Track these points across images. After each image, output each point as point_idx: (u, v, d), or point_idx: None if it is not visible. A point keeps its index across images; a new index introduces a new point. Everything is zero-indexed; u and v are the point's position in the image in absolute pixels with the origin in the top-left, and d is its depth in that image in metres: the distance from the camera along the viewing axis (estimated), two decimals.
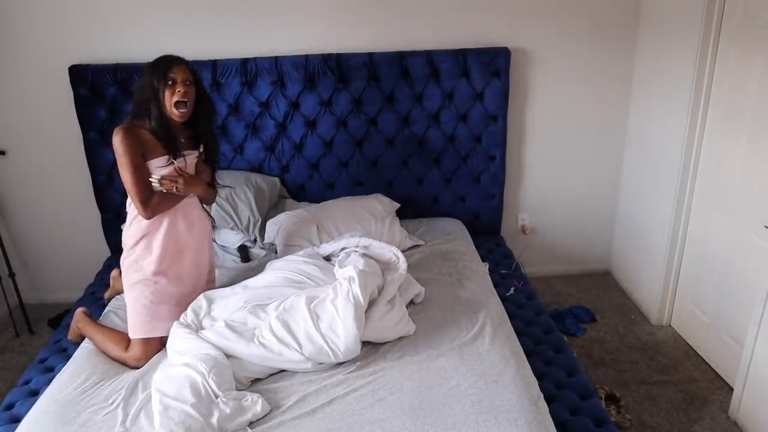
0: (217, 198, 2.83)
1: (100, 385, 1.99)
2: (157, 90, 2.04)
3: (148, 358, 2.13)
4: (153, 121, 2.06)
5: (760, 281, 2.26)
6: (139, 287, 2.18)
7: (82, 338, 2.33)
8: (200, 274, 2.33)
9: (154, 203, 2.09)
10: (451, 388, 1.89)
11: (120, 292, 2.62)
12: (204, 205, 2.35)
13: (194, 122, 2.18)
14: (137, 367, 2.10)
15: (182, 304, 2.23)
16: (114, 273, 2.66)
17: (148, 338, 2.16)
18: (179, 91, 2.04)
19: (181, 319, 2.16)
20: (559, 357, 2.23)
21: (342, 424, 1.77)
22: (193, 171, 2.22)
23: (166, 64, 2.06)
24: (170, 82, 2.04)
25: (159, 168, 2.09)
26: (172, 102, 2.05)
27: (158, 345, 2.17)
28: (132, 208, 2.16)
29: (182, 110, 2.07)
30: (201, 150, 2.25)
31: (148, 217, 2.11)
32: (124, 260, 2.22)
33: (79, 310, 2.43)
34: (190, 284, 2.28)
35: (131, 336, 2.17)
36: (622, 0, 3.07)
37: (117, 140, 2.03)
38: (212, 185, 2.33)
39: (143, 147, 2.06)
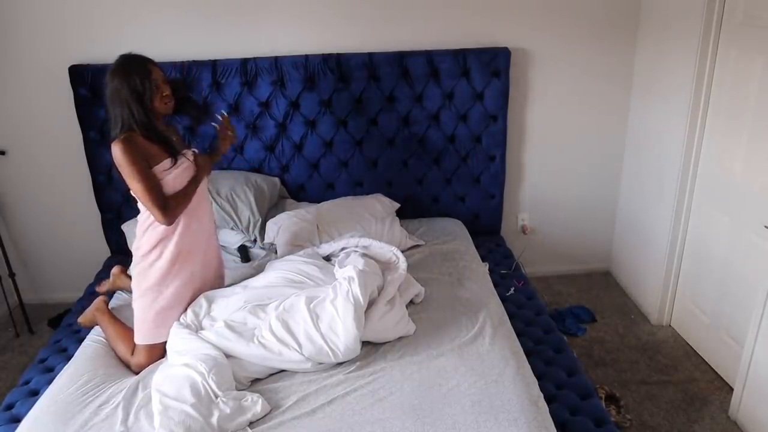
0: (217, 198, 2.85)
1: (101, 386, 1.99)
2: (142, 93, 2.00)
3: (150, 364, 2.12)
4: (140, 124, 2.02)
5: (760, 281, 2.26)
6: (150, 294, 2.15)
7: (93, 325, 2.34)
8: (208, 273, 2.31)
9: (172, 207, 2.05)
10: (451, 388, 1.89)
11: (118, 289, 2.63)
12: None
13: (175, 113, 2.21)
14: (138, 373, 2.10)
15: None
16: (115, 270, 2.66)
17: (153, 344, 2.14)
18: (166, 94, 2.07)
19: (180, 319, 2.17)
20: (559, 357, 2.23)
21: (342, 424, 1.77)
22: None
23: (143, 67, 2.03)
24: (156, 87, 2.03)
25: (165, 172, 2.06)
26: (163, 102, 2.06)
27: (162, 351, 2.15)
28: (145, 216, 2.12)
29: (170, 103, 2.10)
30: (193, 150, 2.25)
31: (170, 223, 2.06)
32: (136, 266, 2.18)
33: (100, 299, 2.44)
34: (199, 283, 2.26)
35: (137, 342, 2.16)
36: (622, 0, 3.07)
37: (118, 153, 1.99)
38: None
39: (145, 154, 2.03)
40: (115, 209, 3.15)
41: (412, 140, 3.15)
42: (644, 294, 3.25)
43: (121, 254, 3.16)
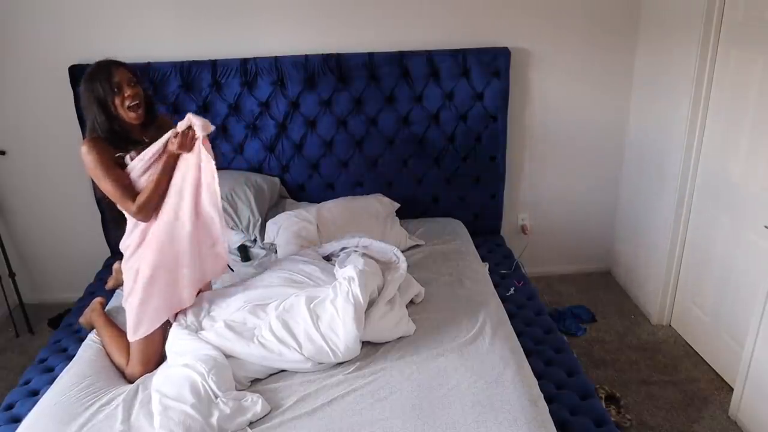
0: None
1: (102, 388, 1.99)
2: (104, 99, 1.98)
3: (144, 374, 2.07)
4: (102, 131, 2.00)
5: (760, 281, 2.26)
6: (138, 288, 2.12)
7: (92, 326, 2.33)
8: (184, 262, 2.18)
9: (143, 201, 2.01)
10: (451, 388, 1.89)
11: (122, 283, 2.62)
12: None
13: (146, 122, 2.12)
14: (132, 382, 2.05)
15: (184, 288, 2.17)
16: (116, 266, 2.65)
17: (146, 352, 2.09)
18: (128, 95, 1.99)
19: (180, 320, 2.16)
20: (559, 357, 2.23)
21: (342, 424, 1.77)
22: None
23: (105, 70, 1.99)
24: (116, 89, 1.98)
25: (133, 171, 2.04)
26: (125, 107, 1.99)
27: (157, 358, 2.11)
28: (131, 220, 2.10)
29: (139, 111, 2.02)
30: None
31: (146, 218, 2.05)
32: (125, 264, 2.18)
33: (97, 300, 2.43)
34: (176, 275, 2.16)
35: (130, 339, 2.11)
36: (622, 0, 3.07)
37: (84, 153, 1.97)
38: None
39: (112, 156, 2.01)
40: (116, 209, 3.14)
41: (412, 140, 3.15)
42: (644, 294, 3.25)
43: (121, 254, 3.14)
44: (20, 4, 2.89)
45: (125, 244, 2.18)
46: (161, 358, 2.12)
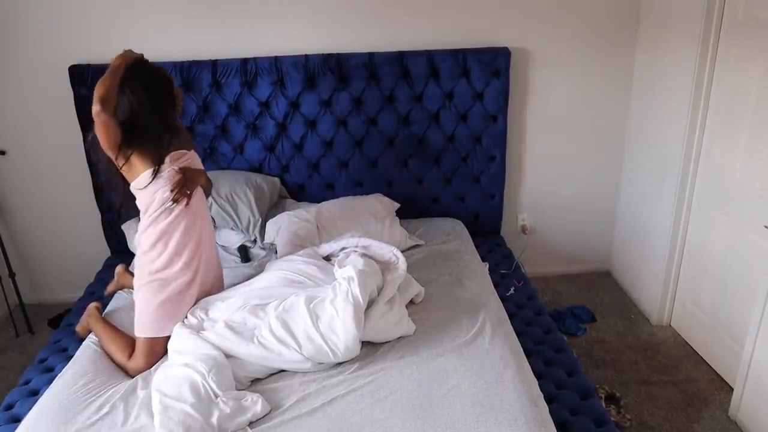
0: (217, 198, 2.85)
1: (101, 386, 1.98)
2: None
3: (147, 367, 2.08)
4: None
5: (760, 281, 2.26)
6: (154, 284, 2.13)
7: (89, 332, 2.33)
8: (209, 274, 2.29)
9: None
10: (451, 388, 1.89)
11: (124, 287, 2.62)
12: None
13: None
14: (133, 375, 2.06)
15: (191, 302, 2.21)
16: (119, 269, 2.65)
17: (154, 341, 2.11)
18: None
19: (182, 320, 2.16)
20: (559, 357, 2.23)
21: (342, 424, 1.77)
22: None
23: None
24: None
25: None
26: None
27: (162, 353, 2.12)
28: (147, 216, 2.11)
29: None
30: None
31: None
32: (138, 260, 2.19)
33: (92, 305, 2.42)
34: (201, 281, 2.23)
35: (137, 334, 2.12)
36: (622, 0, 3.07)
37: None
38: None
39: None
40: (115, 209, 3.15)
41: (411, 140, 3.15)
42: (644, 294, 3.25)
43: (121, 254, 3.16)
44: (20, 5, 2.89)
45: (137, 241, 2.19)
46: (165, 351, 2.12)
